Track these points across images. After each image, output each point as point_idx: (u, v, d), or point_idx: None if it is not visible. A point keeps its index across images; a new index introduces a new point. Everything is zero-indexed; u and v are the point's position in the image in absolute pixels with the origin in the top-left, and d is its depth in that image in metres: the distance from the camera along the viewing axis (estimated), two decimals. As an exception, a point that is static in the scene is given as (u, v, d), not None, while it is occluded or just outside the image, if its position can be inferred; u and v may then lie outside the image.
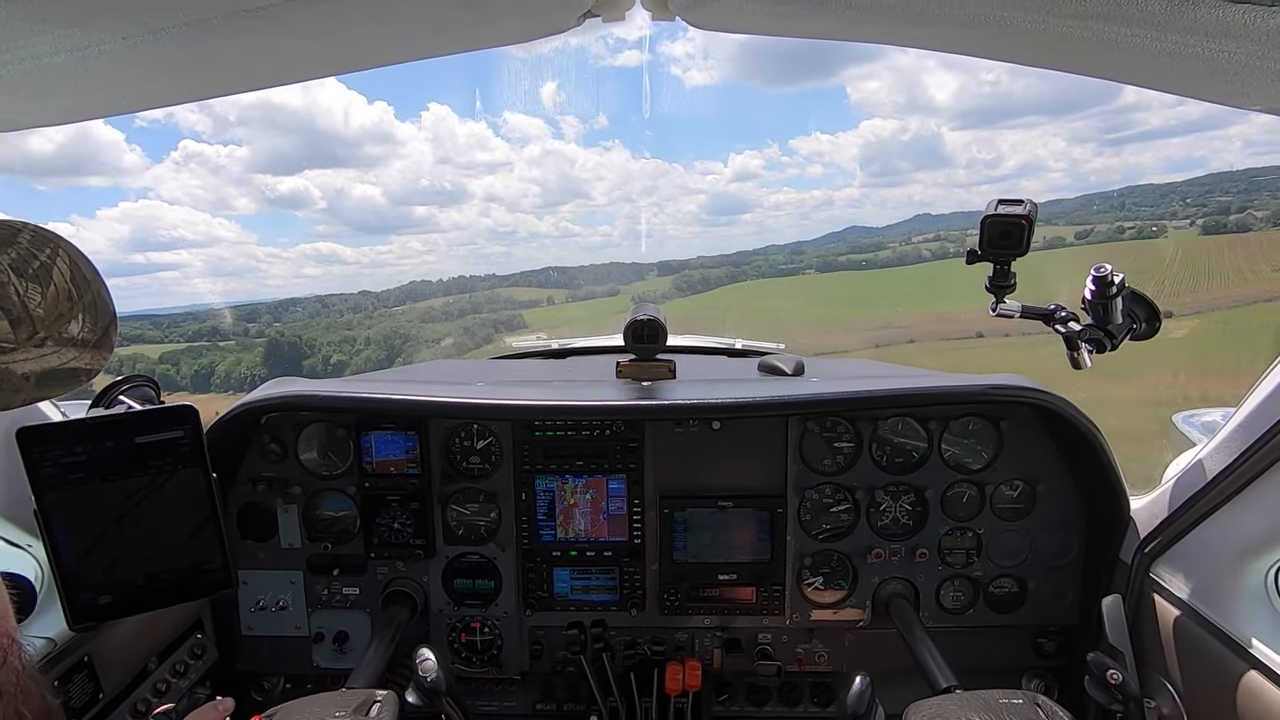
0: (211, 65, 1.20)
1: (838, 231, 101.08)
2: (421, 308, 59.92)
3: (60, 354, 0.94)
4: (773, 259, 72.37)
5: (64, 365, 0.95)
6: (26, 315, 0.90)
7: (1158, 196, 52.88)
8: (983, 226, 1.63)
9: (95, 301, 1.00)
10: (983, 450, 2.15)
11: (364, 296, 66.61)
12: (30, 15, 0.92)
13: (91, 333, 0.99)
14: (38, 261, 0.93)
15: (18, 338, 0.89)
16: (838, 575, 2.21)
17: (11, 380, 0.89)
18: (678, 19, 1.24)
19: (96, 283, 1.01)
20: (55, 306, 0.94)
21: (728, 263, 71.36)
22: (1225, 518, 1.66)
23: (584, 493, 2.23)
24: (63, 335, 0.95)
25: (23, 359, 0.90)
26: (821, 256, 71.86)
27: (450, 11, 1.13)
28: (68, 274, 0.96)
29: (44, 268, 0.94)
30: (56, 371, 0.94)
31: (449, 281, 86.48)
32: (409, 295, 63.69)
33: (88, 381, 1.01)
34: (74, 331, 0.96)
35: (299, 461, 2.20)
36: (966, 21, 1.00)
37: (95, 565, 1.38)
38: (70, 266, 0.97)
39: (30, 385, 0.91)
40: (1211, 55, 0.88)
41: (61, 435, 1.34)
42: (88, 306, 0.98)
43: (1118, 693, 1.67)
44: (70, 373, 0.97)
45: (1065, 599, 2.16)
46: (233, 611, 2.24)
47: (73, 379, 0.98)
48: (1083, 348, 1.68)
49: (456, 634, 2.27)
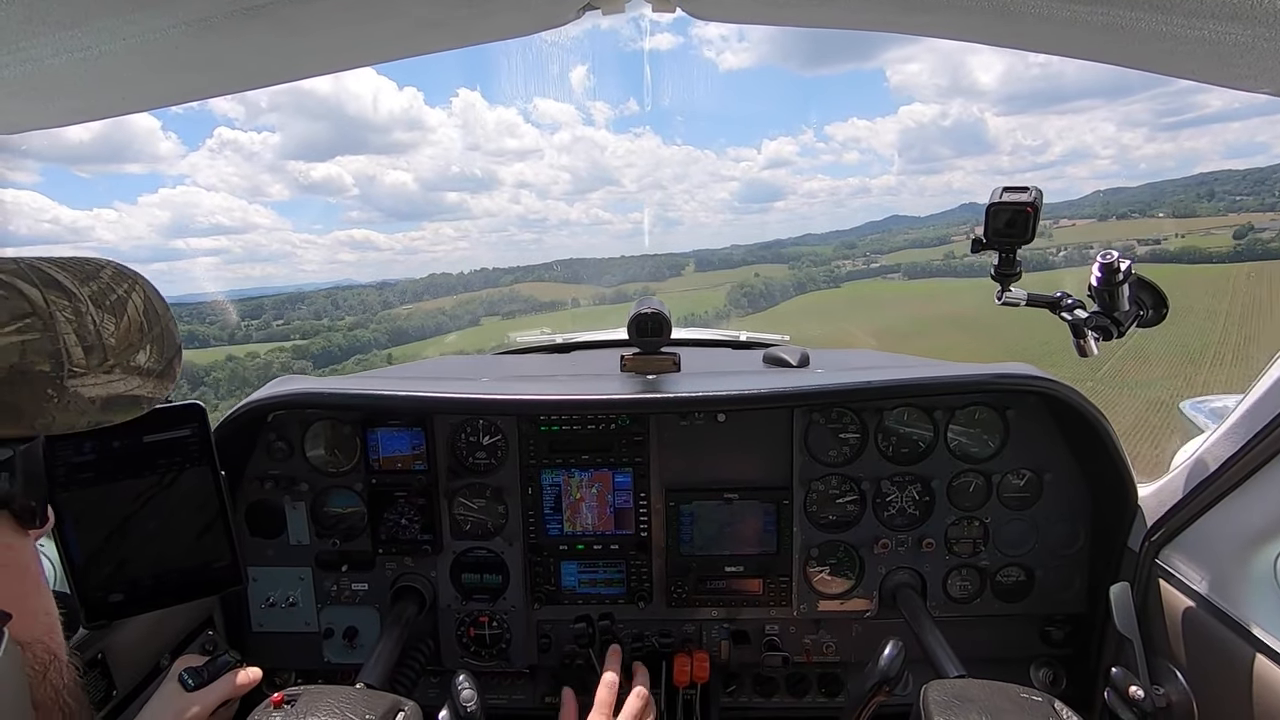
0: (213, 64, 1.20)
1: (878, 221, 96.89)
2: (430, 308, 58.37)
3: (126, 381, 0.98)
4: (821, 252, 68.02)
5: (128, 392, 0.99)
6: (100, 343, 0.94)
7: (1252, 183, 48.73)
8: (988, 214, 1.62)
9: (163, 334, 1.04)
10: (989, 439, 2.15)
11: (381, 290, 64.68)
12: (31, 17, 0.92)
13: (157, 363, 1.03)
14: (115, 294, 0.98)
15: (89, 364, 0.93)
16: (844, 566, 2.21)
17: (79, 403, 0.93)
18: (679, 10, 1.23)
19: (166, 317, 1.05)
20: (127, 337, 0.98)
21: (775, 257, 67.64)
22: (1234, 504, 1.65)
23: (590, 486, 2.24)
24: (130, 364, 0.99)
25: (91, 383, 0.94)
26: (899, 259, 65.27)
27: (448, 7, 1.13)
28: (141, 308, 1.00)
29: (120, 301, 0.98)
30: (121, 398, 0.98)
31: (470, 275, 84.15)
32: (427, 289, 61.94)
33: (148, 409, 1.05)
34: (141, 361, 1.00)
35: (306, 459, 2.21)
36: (970, 8, 0.99)
37: (106, 564, 1.39)
38: (144, 301, 1.01)
39: (95, 408, 0.95)
40: (1217, 38, 0.87)
41: (71, 434, 1.35)
42: (156, 339, 1.02)
43: (1137, 709, 1.68)
44: (133, 399, 1.01)
45: (1073, 587, 2.16)
46: (243, 608, 2.26)
47: (135, 405, 1.02)
48: (1089, 335, 1.67)
49: (464, 628, 2.28)
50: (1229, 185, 52.83)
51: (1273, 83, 1.05)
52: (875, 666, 1.59)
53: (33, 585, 0.98)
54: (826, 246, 74.11)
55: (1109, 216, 54.83)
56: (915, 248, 64.23)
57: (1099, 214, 55.95)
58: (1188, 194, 53.43)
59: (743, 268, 71.53)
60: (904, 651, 1.61)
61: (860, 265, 66.44)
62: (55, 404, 0.89)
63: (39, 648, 0.94)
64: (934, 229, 69.62)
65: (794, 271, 65.86)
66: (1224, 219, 45.38)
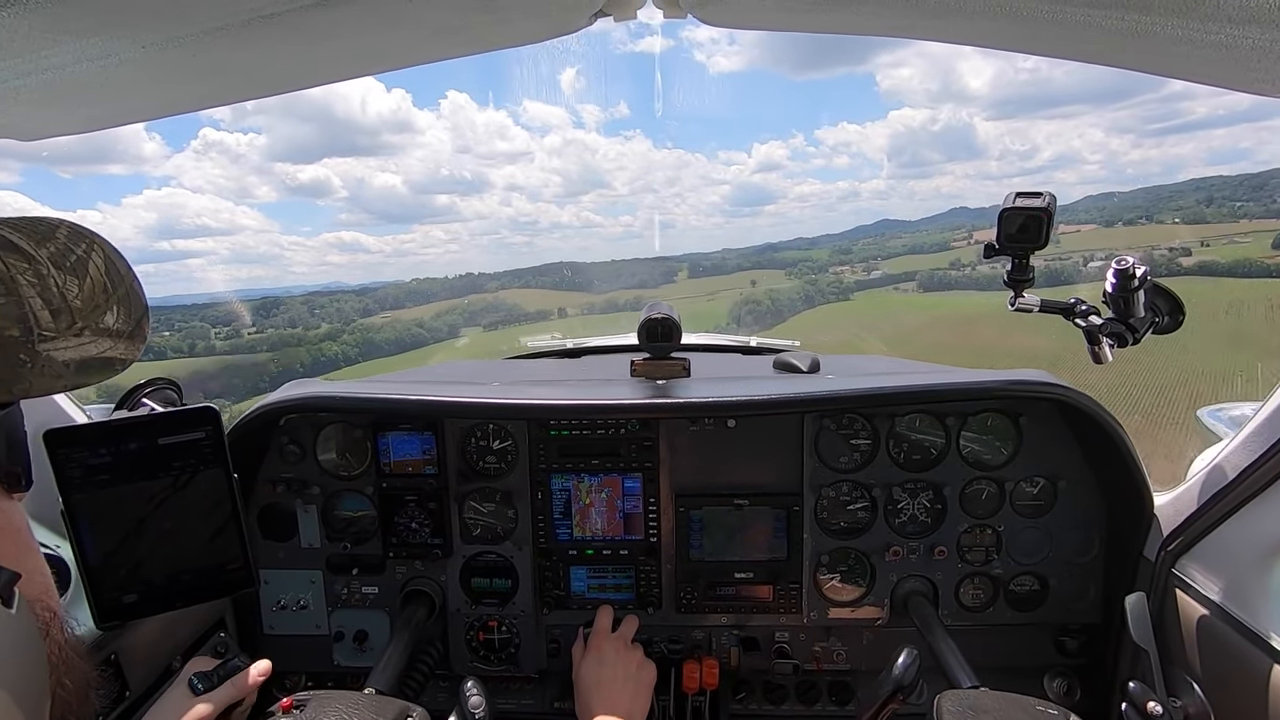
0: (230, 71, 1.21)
1: (868, 225, 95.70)
2: (409, 317, 55.91)
3: (97, 343, 0.97)
4: (816, 257, 66.21)
5: (101, 354, 0.98)
6: (66, 306, 0.93)
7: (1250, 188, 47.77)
8: (1001, 220, 1.62)
9: (129, 295, 1.03)
10: (1002, 446, 2.13)
11: (362, 296, 61.73)
12: (52, 26, 0.94)
13: (126, 324, 1.02)
14: (74, 255, 0.96)
15: (58, 327, 0.92)
16: (855, 573, 2.20)
17: (54, 367, 0.92)
18: (689, 15, 1.24)
19: (129, 277, 1.04)
20: (92, 298, 0.97)
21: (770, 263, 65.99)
22: (1252, 513, 1.63)
23: (600, 491, 2.24)
24: (99, 325, 0.98)
25: (63, 347, 0.93)
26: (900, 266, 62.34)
27: (464, 14, 1.14)
28: (103, 268, 0.99)
29: (80, 261, 0.97)
30: (94, 360, 0.98)
31: (455, 280, 79.77)
32: (409, 296, 59.68)
33: (122, 370, 1.04)
34: (109, 322, 0.99)
35: (317, 462, 2.23)
36: (983, 13, 0.99)
37: (120, 565, 1.40)
38: (105, 261, 1.00)
39: (70, 372, 0.95)
40: (1234, 42, 0.86)
41: (86, 437, 1.36)
42: (122, 299, 1.01)
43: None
44: (106, 361, 1.00)
45: (1087, 597, 2.13)
46: (255, 611, 2.27)
47: (109, 367, 1.01)
48: (1104, 342, 1.66)
49: (474, 633, 2.28)
50: (1225, 191, 52.10)
51: (1291, 87, 1.04)
52: (889, 675, 1.58)
53: (25, 546, 0.99)
54: (821, 251, 72.58)
55: (1115, 222, 53.94)
56: (913, 253, 62.65)
57: (1105, 220, 54.93)
58: (1184, 199, 52.58)
59: (738, 274, 69.96)
60: (918, 660, 1.59)
61: (861, 273, 64.50)
62: (30, 369, 0.89)
63: (39, 605, 0.95)
64: (928, 233, 68.30)
65: (793, 280, 64.00)
66: (1238, 225, 44.51)
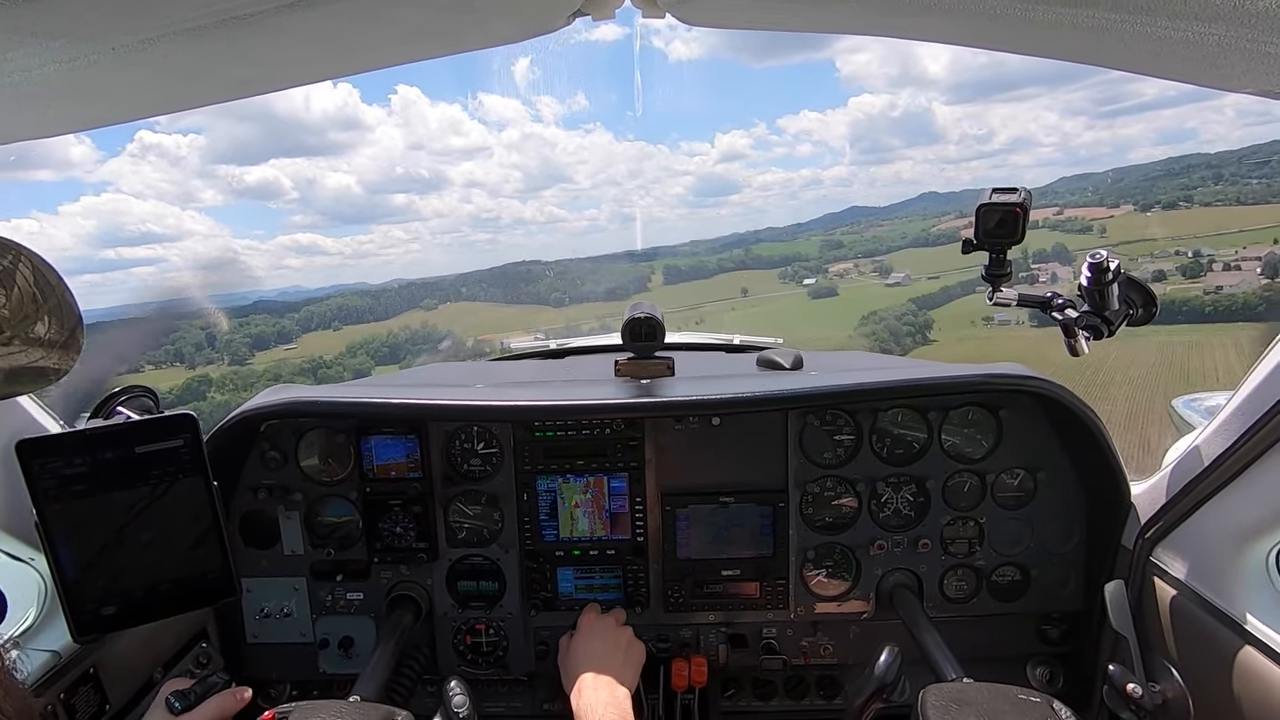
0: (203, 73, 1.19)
1: (837, 213, 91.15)
2: (321, 346, 44.30)
3: (28, 353, 0.99)
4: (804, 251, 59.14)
5: (32, 364, 1.00)
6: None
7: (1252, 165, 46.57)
8: (978, 215, 1.65)
9: (60, 305, 1.04)
10: (983, 439, 2.16)
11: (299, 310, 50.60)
12: (18, 27, 0.92)
13: (59, 334, 1.03)
14: (1, 266, 0.97)
15: None
16: (841, 568, 2.22)
17: None
18: (668, 15, 1.24)
19: (60, 288, 1.05)
20: (20, 309, 0.98)
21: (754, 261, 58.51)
22: (1225, 501, 1.67)
23: (585, 492, 2.23)
24: (29, 335, 0.99)
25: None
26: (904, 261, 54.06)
27: (440, 15, 1.13)
28: (31, 278, 1.00)
29: (6, 272, 0.98)
30: (26, 369, 0.99)
31: (376, 289, 62.83)
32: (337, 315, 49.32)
33: (57, 380, 1.06)
34: (41, 332, 1.01)
35: (299, 468, 2.20)
36: (956, 11, 1.00)
37: (98, 577, 1.38)
38: (33, 272, 1.01)
39: (0, 381, 0.96)
40: (1201, 39, 0.88)
41: (61, 447, 1.34)
42: (53, 309, 1.03)
43: (1135, 707, 1.69)
44: (39, 371, 1.02)
45: (1069, 586, 2.17)
46: (237, 619, 2.24)
47: (41, 377, 1.03)
48: (1080, 335, 1.69)
49: (461, 636, 2.27)
50: (1230, 166, 50.86)
51: (1255, 82, 1.06)
52: (872, 674, 1.60)
53: None
54: (805, 244, 66.36)
55: (1151, 206, 50.80)
56: (915, 246, 59.12)
57: (1139, 203, 51.60)
58: (1189, 177, 50.70)
59: (718, 276, 64.24)
60: (900, 657, 1.61)
61: (873, 275, 58.76)
62: None
63: None
64: (907, 220, 63.48)
65: (790, 284, 59.99)
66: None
